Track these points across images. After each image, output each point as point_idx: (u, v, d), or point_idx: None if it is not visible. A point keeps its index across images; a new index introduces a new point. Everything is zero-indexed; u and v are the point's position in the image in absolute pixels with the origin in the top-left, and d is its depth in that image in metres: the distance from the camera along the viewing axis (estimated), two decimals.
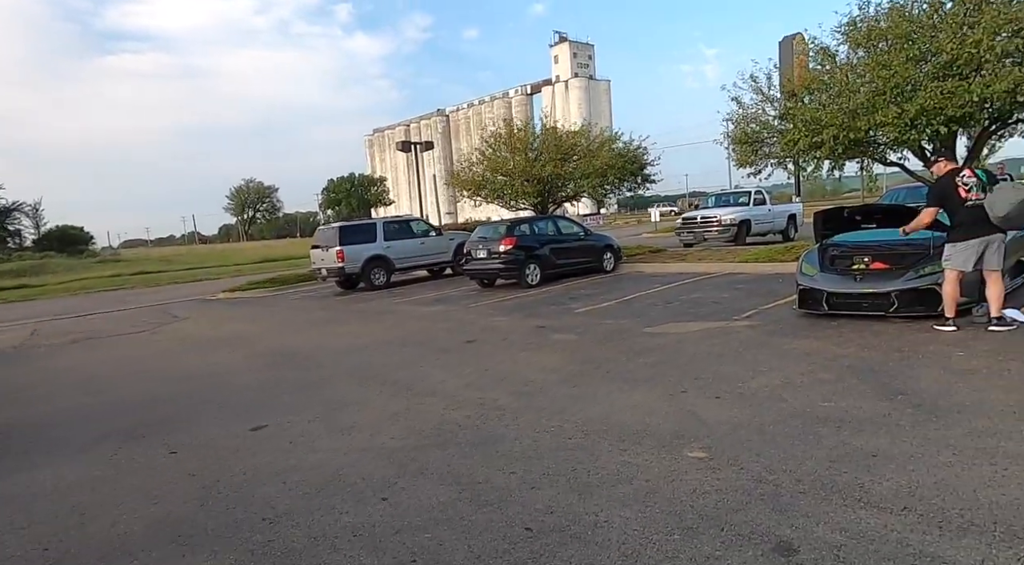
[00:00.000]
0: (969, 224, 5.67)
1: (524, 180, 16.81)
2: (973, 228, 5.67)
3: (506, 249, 12.67)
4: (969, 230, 5.68)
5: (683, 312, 8.28)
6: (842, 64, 10.52)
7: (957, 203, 5.70)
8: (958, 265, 5.69)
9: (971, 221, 5.66)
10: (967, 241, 5.67)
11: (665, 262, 14.54)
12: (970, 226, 5.67)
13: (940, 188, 5.84)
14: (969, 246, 5.66)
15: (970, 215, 5.68)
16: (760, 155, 11.83)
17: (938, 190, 5.87)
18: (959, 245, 5.68)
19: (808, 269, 7.14)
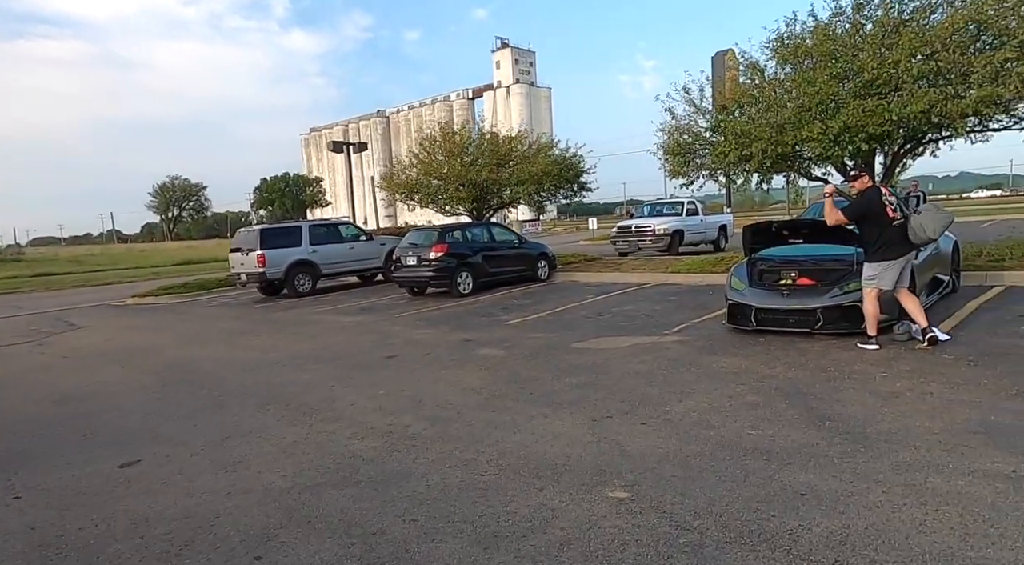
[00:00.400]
0: (897, 243, 5.69)
1: (459, 185, 16.38)
2: (900, 247, 5.71)
3: (437, 256, 12.20)
4: (898, 249, 5.70)
5: (614, 326, 8.07)
6: (770, 79, 10.69)
7: (885, 222, 5.68)
8: (885, 284, 5.67)
9: (898, 240, 5.68)
10: (896, 260, 5.67)
11: (600, 271, 14.44)
12: (898, 245, 5.69)
13: (868, 204, 5.78)
14: (897, 264, 5.67)
15: (897, 234, 5.71)
16: (692, 166, 11.88)
17: (864, 206, 5.80)
18: (886, 264, 5.66)
19: (737, 284, 7.06)
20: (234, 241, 15.61)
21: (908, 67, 8.64)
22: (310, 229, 15.30)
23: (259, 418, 5.09)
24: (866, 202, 5.78)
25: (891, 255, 5.65)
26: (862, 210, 5.78)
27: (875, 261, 5.71)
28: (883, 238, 5.67)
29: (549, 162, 16.37)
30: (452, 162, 16.71)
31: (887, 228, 5.68)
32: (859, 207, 5.83)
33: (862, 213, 5.77)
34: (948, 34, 8.76)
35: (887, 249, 5.67)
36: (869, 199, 5.77)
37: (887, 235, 5.67)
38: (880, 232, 5.67)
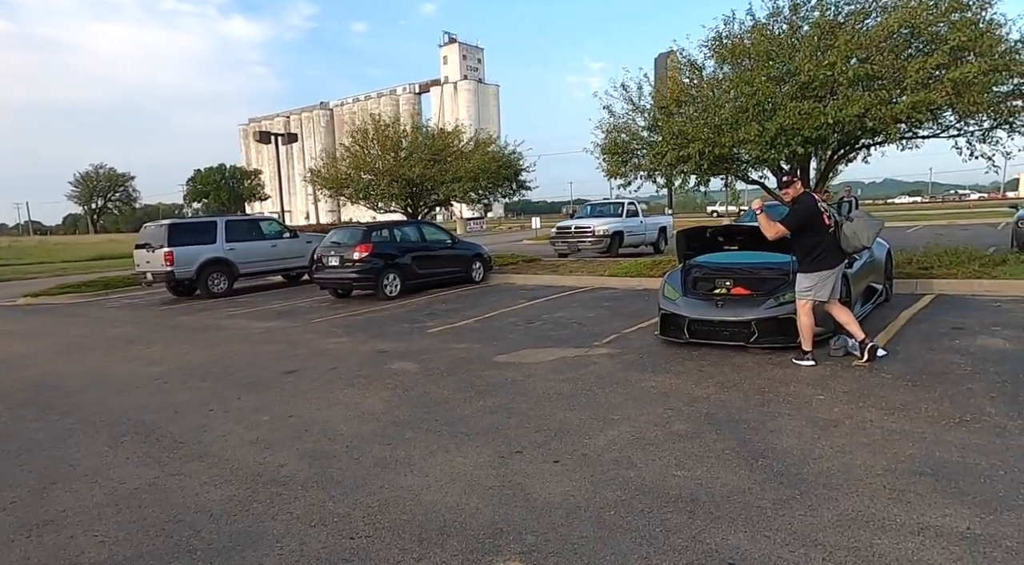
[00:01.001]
0: (832, 252, 5.34)
1: (391, 180, 15.52)
2: (836, 256, 5.37)
3: (361, 256, 11.37)
4: (834, 258, 5.35)
5: (543, 335, 7.51)
6: (708, 79, 10.39)
7: (822, 230, 5.32)
8: (822, 296, 5.30)
9: (834, 248, 5.34)
10: (834, 269, 5.32)
11: (537, 273, 13.93)
12: (834, 254, 5.35)
13: (808, 211, 5.33)
14: (835, 274, 5.32)
15: (832, 242, 5.37)
16: (630, 166, 11.50)
17: (805, 214, 5.32)
18: (824, 274, 5.28)
19: (670, 292, 6.61)
20: (140, 236, 14.25)
21: (844, 70, 8.45)
22: (227, 225, 14.12)
23: (105, 455, 4.23)
24: (805, 209, 5.36)
25: (828, 264, 5.29)
26: (802, 218, 5.35)
27: (812, 271, 5.32)
28: (820, 247, 5.29)
29: (487, 159, 15.73)
30: (385, 156, 15.85)
31: (824, 236, 5.31)
32: (800, 215, 5.36)
33: (804, 221, 5.34)
34: (882, 38, 8.64)
35: (824, 258, 5.30)
36: (807, 206, 5.36)
37: (824, 243, 5.30)
38: (818, 241, 5.29)
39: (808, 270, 5.35)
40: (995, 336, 5.92)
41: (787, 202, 5.70)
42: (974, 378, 4.66)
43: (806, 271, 5.36)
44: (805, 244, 5.38)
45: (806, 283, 5.35)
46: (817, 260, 5.29)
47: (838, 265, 5.35)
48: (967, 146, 10.10)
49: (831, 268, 5.29)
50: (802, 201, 5.41)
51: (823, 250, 5.28)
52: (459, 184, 15.15)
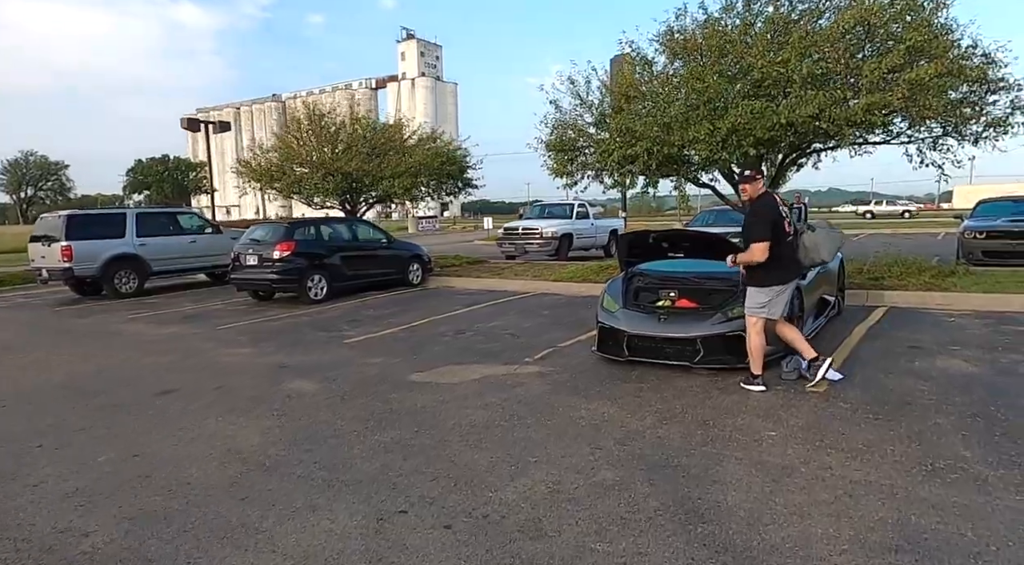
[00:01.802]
0: (789, 263, 4.72)
1: (327, 174, 14.45)
2: (793, 268, 4.75)
3: (282, 256, 10.34)
4: (791, 270, 4.73)
5: (471, 348, 6.73)
6: (659, 74, 9.82)
7: (783, 238, 4.64)
8: (776, 313, 4.68)
9: (790, 259, 4.71)
10: (790, 283, 4.70)
11: (479, 276, 13.13)
12: (791, 265, 4.73)
13: (772, 214, 4.55)
14: (789, 289, 4.70)
15: (790, 252, 4.73)
16: (576, 165, 10.83)
17: (770, 216, 4.52)
18: (779, 288, 4.65)
19: (609, 303, 5.93)
20: (36, 228, 12.78)
21: (797, 67, 7.97)
22: (138, 218, 12.79)
23: None
24: (771, 212, 4.58)
25: (784, 278, 4.67)
26: (770, 222, 4.52)
27: (766, 285, 4.65)
28: (777, 257, 4.59)
29: (429, 154, 14.83)
30: (321, 148, 14.76)
31: (783, 245, 4.64)
32: (767, 219, 4.53)
33: (772, 226, 4.52)
34: (836, 36, 8.21)
35: (781, 270, 4.64)
36: (771, 208, 4.61)
37: (782, 253, 4.62)
38: (776, 251, 4.55)
39: (761, 283, 4.68)
40: (955, 357, 5.44)
41: (744, 200, 4.93)
42: (941, 410, 4.11)
43: (759, 284, 4.69)
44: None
45: (759, 298, 4.69)
46: (773, 272, 4.61)
47: (794, 279, 4.77)
48: (918, 153, 9.83)
49: (787, 282, 4.68)
50: (764, 203, 4.66)
51: (780, 261, 4.61)
52: (399, 180, 14.20)
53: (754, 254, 4.54)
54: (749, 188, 4.70)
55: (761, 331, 4.73)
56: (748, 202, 4.83)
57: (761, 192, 4.74)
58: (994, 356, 5.40)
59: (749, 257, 4.58)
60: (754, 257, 4.55)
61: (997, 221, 11.11)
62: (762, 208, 4.64)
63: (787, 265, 4.68)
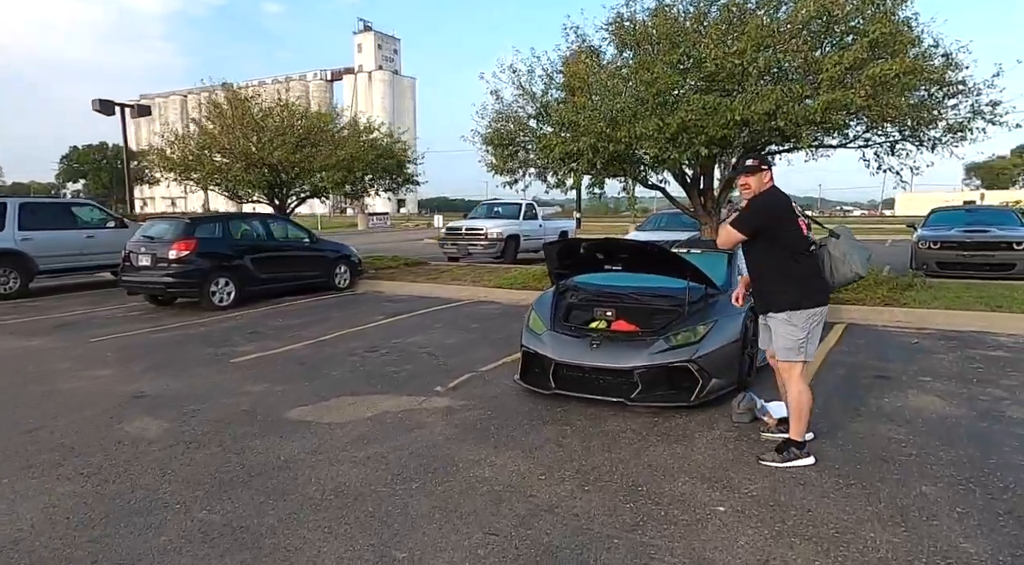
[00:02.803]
0: (817, 279, 3.50)
1: (247, 165, 13.11)
2: (823, 286, 3.53)
3: (180, 256, 9.05)
4: (822, 286, 3.51)
5: (377, 372, 5.70)
6: (606, 64, 8.98)
7: (800, 241, 3.46)
8: (814, 350, 3.51)
9: (817, 274, 3.51)
10: (821, 307, 3.47)
11: (415, 280, 12.07)
12: (820, 282, 3.52)
13: (776, 210, 3.44)
14: (822, 315, 3.50)
15: (815, 266, 3.52)
16: (517, 161, 9.90)
17: (772, 211, 3.44)
18: (814, 312, 3.43)
19: (536, 323, 5.00)
20: None
21: (753, 59, 7.23)
22: (21, 209, 11.18)
23: None
24: (780, 204, 3.45)
25: (820, 296, 3.48)
26: (765, 218, 3.44)
27: (800, 307, 3.40)
28: (799, 267, 3.43)
29: (364, 147, 13.66)
30: (246, 136, 13.40)
31: (804, 251, 3.45)
32: (763, 213, 3.45)
33: (764, 223, 3.45)
34: (796, 29, 7.53)
35: (816, 286, 3.46)
36: (778, 204, 3.45)
37: (805, 264, 3.45)
38: (795, 258, 3.43)
39: (793, 304, 3.41)
40: (928, 392, 4.73)
41: (743, 201, 3.61)
42: (925, 472, 3.33)
43: (790, 306, 3.42)
44: (781, 264, 3.45)
45: (793, 332, 3.40)
46: (806, 288, 3.42)
47: (826, 303, 3.53)
48: (875, 159, 9.32)
49: (823, 304, 3.49)
50: (770, 197, 3.48)
51: (804, 275, 3.44)
52: (328, 173, 12.99)
53: (721, 234, 3.65)
54: (752, 182, 3.48)
55: (805, 380, 3.51)
56: (750, 202, 3.53)
57: (768, 187, 3.53)
58: (971, 391, 4.70)
59: (720, 238, 3.68)
60: (719, 238, 3.69)
61: (951, 231, 10.75)
62: (764, 203, 3.46)
63: (814, 281, 3.48)
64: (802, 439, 3.46)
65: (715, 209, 10.18)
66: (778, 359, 3.54)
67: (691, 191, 9.98)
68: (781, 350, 3.48)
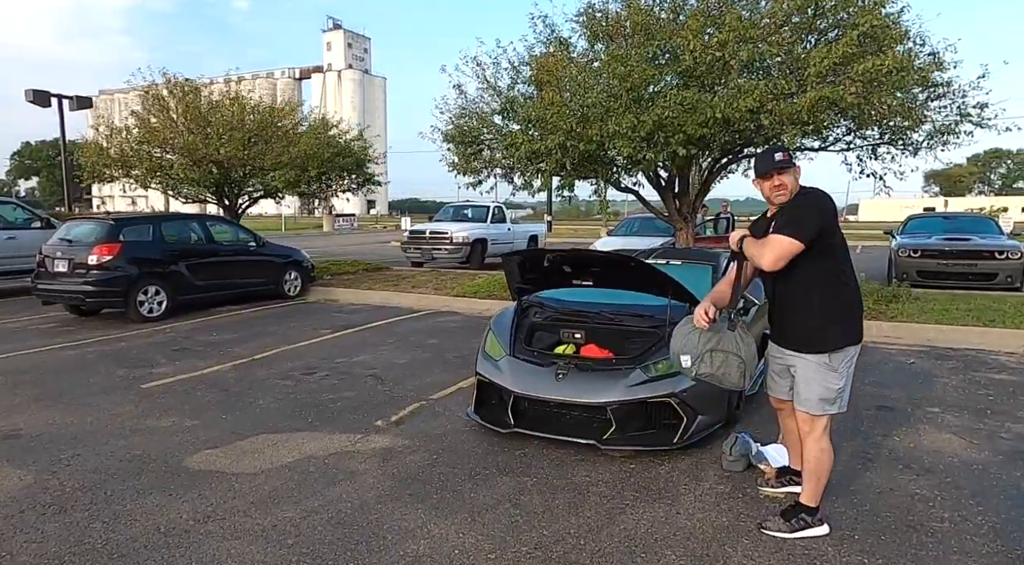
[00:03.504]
0: (857, 303, 2.79)
1: (194, 162, 12.10)
2: (860, 313, 2.80)
3: (102, 261, 8.07)
4: (859, 315, 2.79)
5: (311, 401, 4.90)
6: (576, 57, 8.33)
7: (845, 255, 2.73)
8: (846, 399, 2.77)
9: (858, 298, 2.81)
10: (859, 345, 2.76)
11: (372, 287, 11.23)
12: (858, 308, 2.80)
13: (832, 206, 2.71)
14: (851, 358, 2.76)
15: (856, 285, 2.79)
16: (482, 160, 9.18)
17: (830, 208, 2.69)
18: (854, 352, 2.73)
19: (493, 346, 4.28)
20: None
21: (735, 51, 6.65)
22: None
23: None
24: (830, 205, 2.70)
25: (859, 328, 2.76)
26: (823, 217, 2.63)
27: (837, 346, 2.66)
28: (846, 293, 2.71)
29: (319, 144, 12.76)
30: (186, 130, 12.39)
31: (849, 271, 2.73)
32: (820, 212, 2.64)
33: (824, 225, 2.62)
34: (780, 21, 6.98)
35: (849, 314, 2.73)
36: (829, 205, 2.69)
37: (849, 284, 2.72)
38: (841, 281, 2.70)
39: (827, 344, 2.66)
40: (941, 427, 4.15)
41: (774, 201, 2.73)
42: (965, 546, 2.70)
43: (823, 347, 2.66)
44: (828, 284, 2.67)
45: (829, 379, 2.67)
46: (853, 318, 2.72)
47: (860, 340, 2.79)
48: (858, 163, 8.86)
49: (860, 340, 2.77)
50: (820, 192, 2.72)
51: (858, 298, 2.78)
52: (280, 172, 12.06)
53: (771, 248, 2.57)
54: (788, 180, 2.67)
55: (828, 438, 2.78)
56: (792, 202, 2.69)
57: (802, 187, 2.75)
58: (988, 426, 4.13)
59: (757, 251, 2.63)
60: (764, 255, 2.58)
61: (931, 239, 10.39)
62: (816, 201, 2.66)
63: (859, 308, 2.79)
64: (815, 505, 2.79)
65: (691, 214, 9.63)
66: (804, 411, 2.76)
67: (666, 194, 9.41)
68: (813, 402, 2.71)
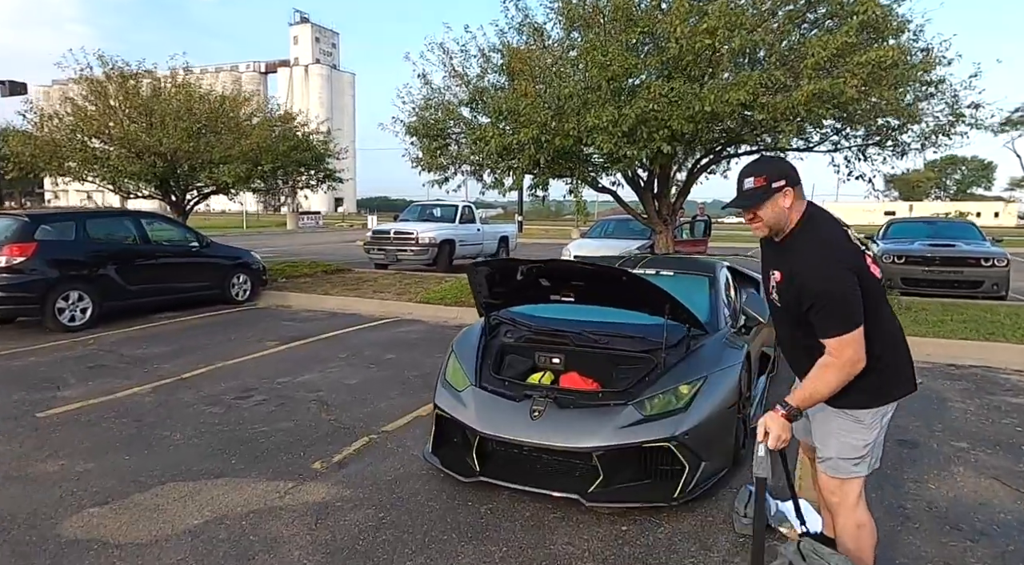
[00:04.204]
0: (901, 351, 2.14)
1: (133, 154, 11.06)
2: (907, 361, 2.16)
3: (12, 263, 7.10)
4: (907, 366, 2.15)
5: (240, 435, 4.13)
6: (551, 45, 7.68)
7: (880, 297, 2.09)
8: (879, 457, 2.15)
9: (899, 339, 2.15)
10: (889, 404, 2.12)
11: (330, 292, 10.40)
12: (904, 356, 2.15)
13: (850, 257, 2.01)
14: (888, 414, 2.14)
15: (898, 330, 2.16)
16: (448, 156, 8.44)
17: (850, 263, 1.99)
18: (886, 410, 2.12)
19: (456, 374, 3.57)
20: None
21: (727, 38, 6.07)
22: None
23: None
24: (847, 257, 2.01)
25: (902, 383, 2.13)
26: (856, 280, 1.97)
27: (870, 404, 2.08)
28: (885, 337, 2.08)
29: (274, 137, 11.85)
30: (127, 118, 11.34)
31: (884, 318, 2.09)
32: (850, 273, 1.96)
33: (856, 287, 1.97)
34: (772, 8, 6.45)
35: (901, 364, 2.12)
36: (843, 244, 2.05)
37: (884, 331, 2.07)
38: (877, 331, 2.03)
39: (858, 401, 2.07)
40: (977, 469, 3.60)
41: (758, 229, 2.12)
42: None
43: (854, 404, 2.07)
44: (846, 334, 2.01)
45: (856, 435, 2.08)
46: (890, 372, 2.08)
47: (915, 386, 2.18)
48: (846, 164, 8.42)
49: (900, 395, 2.13)
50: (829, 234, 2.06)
51: (895, 340, 2.12)
52: (230, 166, 11.11)
53: (840, 366, 1.96)
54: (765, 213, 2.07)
55: (865, 507, 2.15)
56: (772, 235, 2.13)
57: (805, 209, 2.09)
58: None
59: (824, 380, 1.98)
60: (842, 373, 1.96)
61: (914, 245, 10.05)
62: (830, 248, 2.02)
63: (899, 358, 2.12)
64: None
65: (671, 216, 9.08)
66: (827, 473, 2.17)
67: (645, 195, 8.83)
68: (833, 462, 2.11)
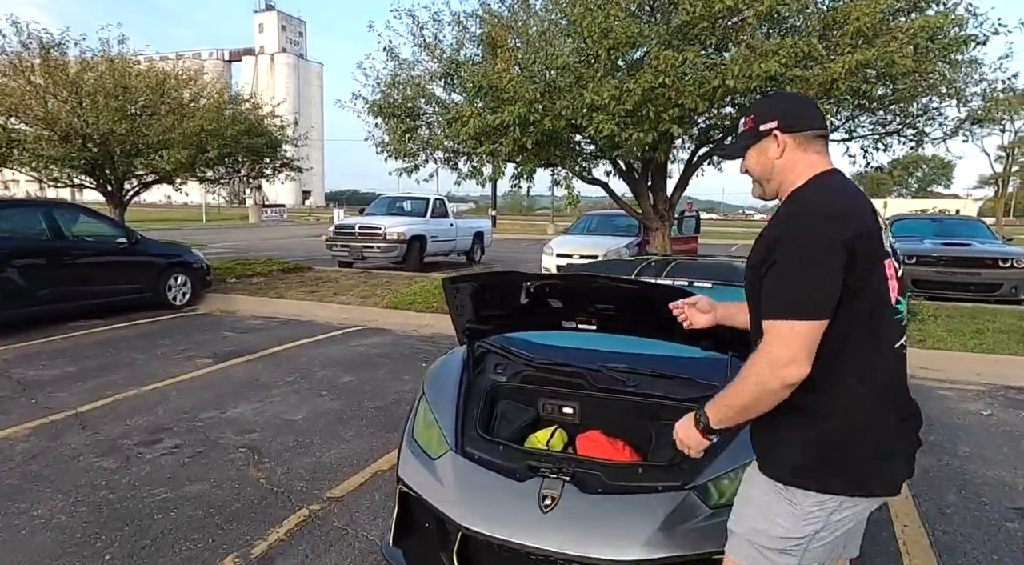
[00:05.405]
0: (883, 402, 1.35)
1: (58, 137, 9.67)
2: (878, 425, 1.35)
3: None
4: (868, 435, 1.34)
5: (123, 512, 3.00)
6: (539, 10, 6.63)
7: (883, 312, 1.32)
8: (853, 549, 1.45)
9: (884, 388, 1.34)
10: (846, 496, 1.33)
11: (284, 294, 9.21)
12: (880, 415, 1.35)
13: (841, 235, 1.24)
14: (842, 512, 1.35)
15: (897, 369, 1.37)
16: (418, 141, 7.33)
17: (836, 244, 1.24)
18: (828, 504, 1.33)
19: (427, 430, 2.49)
20: None
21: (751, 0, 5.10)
22: None
23: None
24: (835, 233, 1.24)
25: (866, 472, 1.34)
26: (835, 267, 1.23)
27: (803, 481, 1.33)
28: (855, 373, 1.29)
29: (223, 119, 10.55)
30: (52, 96, 9.94)
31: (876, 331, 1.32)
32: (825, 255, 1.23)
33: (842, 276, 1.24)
34: None
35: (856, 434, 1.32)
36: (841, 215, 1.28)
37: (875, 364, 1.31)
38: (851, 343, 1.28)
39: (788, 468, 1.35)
40: None
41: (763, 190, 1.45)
42: None
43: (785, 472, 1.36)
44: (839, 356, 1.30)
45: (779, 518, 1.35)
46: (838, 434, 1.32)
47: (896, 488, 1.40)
48: (861, 154, 7.59)
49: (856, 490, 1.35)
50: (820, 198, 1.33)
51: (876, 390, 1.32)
52: (171, 151, 9.80)
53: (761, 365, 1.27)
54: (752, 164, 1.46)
55: None
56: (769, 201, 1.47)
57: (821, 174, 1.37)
58: None
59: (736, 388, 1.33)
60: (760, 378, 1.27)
61: (924, 244, 9.32)
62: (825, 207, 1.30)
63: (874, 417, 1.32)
64: None
65: (668, 211, 8.13)
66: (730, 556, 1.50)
67: (640, 188, 7.86)
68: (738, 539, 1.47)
